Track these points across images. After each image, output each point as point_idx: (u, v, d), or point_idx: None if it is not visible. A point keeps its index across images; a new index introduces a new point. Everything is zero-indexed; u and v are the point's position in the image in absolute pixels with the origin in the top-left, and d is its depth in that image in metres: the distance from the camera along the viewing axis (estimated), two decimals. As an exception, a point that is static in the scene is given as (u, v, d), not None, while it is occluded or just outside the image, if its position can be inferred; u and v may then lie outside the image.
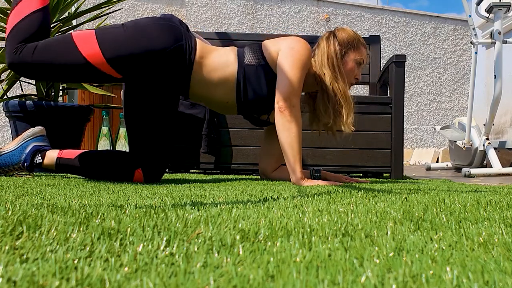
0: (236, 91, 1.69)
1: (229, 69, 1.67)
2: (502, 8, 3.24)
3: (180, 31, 1.61)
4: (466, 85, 7.53)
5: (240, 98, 1.71)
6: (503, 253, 0.51)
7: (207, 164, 2.44)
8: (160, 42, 1.55)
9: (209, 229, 0.60)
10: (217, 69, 1.66)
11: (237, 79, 1.68)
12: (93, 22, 4.71)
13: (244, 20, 6.95)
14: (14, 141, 1.74)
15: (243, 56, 1.70)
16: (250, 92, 1.69)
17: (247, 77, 1.68)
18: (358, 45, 1.76)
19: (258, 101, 1.71)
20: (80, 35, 1.52)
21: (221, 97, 1.71)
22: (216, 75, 1.66)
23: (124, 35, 1.53)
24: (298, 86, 1.65)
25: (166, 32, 1.58)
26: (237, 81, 1.68)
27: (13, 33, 1.53)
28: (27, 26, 1.53)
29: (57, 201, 0.87)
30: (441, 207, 0.85)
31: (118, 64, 1.52)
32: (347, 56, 1.75)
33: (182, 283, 0.38)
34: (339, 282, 0.39)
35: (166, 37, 1.57)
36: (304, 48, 1.68)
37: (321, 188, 1.37)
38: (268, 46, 1.72)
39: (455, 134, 3.83)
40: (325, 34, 1.81)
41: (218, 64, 1.67)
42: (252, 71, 1.68)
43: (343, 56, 1.74)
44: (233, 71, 1.67)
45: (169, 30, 1.59)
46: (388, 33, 7.39)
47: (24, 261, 0.44)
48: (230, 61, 1.68)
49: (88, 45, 1.50)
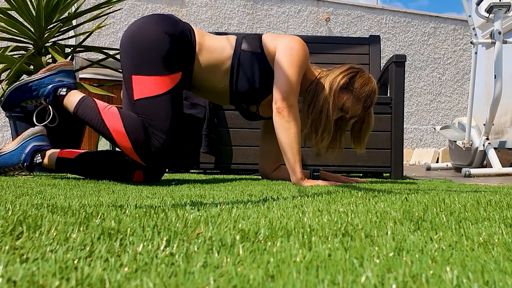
0: (230, 74, 1.71)
1: (225, 52, 1.70)
2: (502, 8, 3.23)
3: (170, 18, 1.68)
4: (466, 85, 7.53)
5: (233, 82, 1.72)
6: (503, 253, 0.51)
7: (207, 164, 2.43)
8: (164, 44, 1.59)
9: (209, 229, 0.60)
10: (215, 51, 1.70)
11: (232, 63, 1.70)
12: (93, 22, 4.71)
13: (244, 20, 6.95)
14: (14, 141, 1.74)
15: (240, 43, 1.73)
16: (242, 77, 1.71)
17: (241, 62, 1.70)
18: (359, 99, 1.68)
19: (249, 88, 1.72)
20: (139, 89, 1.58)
21: (217, 81, 1.73)
22: (213, 56, 1.69)
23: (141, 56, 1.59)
24: (296, 86, 1.65)
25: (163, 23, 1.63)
26: (231, 64, 1.70)
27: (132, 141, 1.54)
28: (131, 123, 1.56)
29: (57, 201, 0.87)
30: (441, 207, 0.85)
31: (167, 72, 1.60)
32: (344, 93, 1.68)
33: (182, 283, 0.38)
34: (339, 282, 0.39)
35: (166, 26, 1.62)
36: (303, 48, 1.68)
37: (321, 188, 1.36)
38: (266, 39, 1.73)
39: (455, 134, 3.83)
40: (355, 65, 1.75)
41: (216, 46, 1.70)
42: (247, 56, 1.70)
43: (342, 90, 1.67)
44: (229, 55, 1.70)
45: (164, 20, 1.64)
46: (388, 33, 7.39)
47: (24, 261, 0.44)
48: (228, 44, 1.72)
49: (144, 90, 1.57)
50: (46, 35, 2.31)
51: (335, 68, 1.75)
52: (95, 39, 6.24)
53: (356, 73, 1.71)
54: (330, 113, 1.66)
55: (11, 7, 2.26)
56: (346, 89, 1.68)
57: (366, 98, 1.69)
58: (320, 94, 1.68)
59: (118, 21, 6.40)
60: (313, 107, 1.69)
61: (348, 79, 1.68)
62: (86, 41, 2.74)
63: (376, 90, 1.71)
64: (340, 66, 1.75)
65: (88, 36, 2.61)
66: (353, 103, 1.68)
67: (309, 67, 1.77)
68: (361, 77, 1.70)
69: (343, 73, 1.70)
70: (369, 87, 1.69)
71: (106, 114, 1.57)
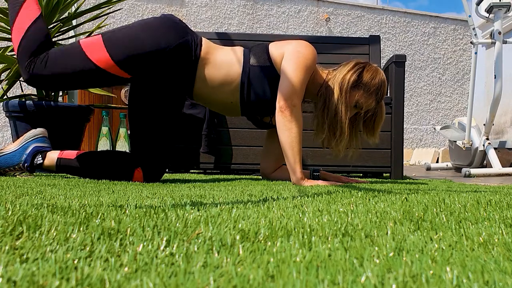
0: (240, 91, 1.69)
1: (234, 68, 1.67)
2: (502, 8, 3.23)
3: (184, 27, 1.65)
4: (466, 85, 7.53)
5: (244, 99, 1.70)
6: (503, 253, 0.51)
7: (207, 164, 2.44)
8: (165, 39, 1.58)
9: (209, 229, 0.60)
10: (222, 67, 1.67)
11: (241, 79, 1.67)
12: (93, 22, 4.71)
13: (244, 20, 6.95)
14: (16, 142, 1.75)
15: (248, 56, 1.70)
16: (254, 94, 1.69)
17: (251, 78, 1.68)
18: (371, 93, 1.68)
19: (261, 103, 1.71)
20: (88, 42, 1.57)
21: (225, 97, 1.71)
22: (221, 73, 1.67)
23: (129, 37, 1.57)
24: (300, 88, 1.65)
25: (171, 29, 1.61)
26: (241, 81, 1.68)
27: (20, 50, 1.57)
28: (32, 39, 1.57)
29: (57, 201, 0.87)
30: (441, 207, 0.85)
31: (127, 65, 1.57)
32: (355, 90, 1.68)
33: (182, 283, 0.38)
34: (339, 282, 0.39)
35: (172, 34, 1.60)
36: (310, 52, 1.67)
37: (321, 188, 1.37)
38: (274, 48, 1.71)
39: (455, 134, 3.83)
40: (361, 60, 1.75)
41: (223, 62, 1.67)
42: (256, 72, 1.68)
43: (352, 88, 1.68)
44: (238, 71, 1.67)
45: (174, 28, 1.62)
46: (388, 33, 7.39)
47: (24, 261, 0.44)
48: (235, 60, 1.69)
49: (97, 51, 1.55)
50: (46, 35, 2.31)
51: (341, 66, 1.75)
52: (95, 39, 6.24)
53: (363, 68, 1.71)
54: (344, 114, 1.66)
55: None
56: (357, 86, 1.68)
57: (378, 90, 1.69)
58: (331, 97, 1.68)
59: (118, 21, 6.40)
60: (327, 111, 1.69)
61: (357, 76, 1.68)
62: (86, 41, 2.73)
63: (385, 80, 1.72)
64: (345, 63, 1.75)
65: (88, 36, 2.60)
66: (365, 98, 1.69)
67: (317, 70, 1.76)
68: (369, 71, 1.70)
69: (350, 71, 1.69)
70: (378, 78, 1.69)
71: (26, 8, 1.61)
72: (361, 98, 1.68)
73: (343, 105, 1.66)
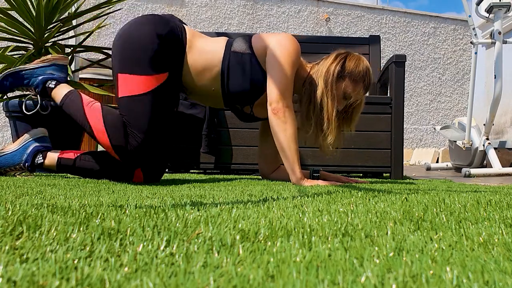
0: (221, 77, 1.70)
1: (216, 55, 1.69)
2: (502, 8, 3.23)
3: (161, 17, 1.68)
4: (466, 85, 7.52)
5: (224, 84, 1.71)
6: (503, 253, 0.51)
7: (207, 164, 2.43)
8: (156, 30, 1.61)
9: (209, 229, 0.60)
10: (204, 53, 1.69)
11: (222, 65, 1.69)
12: (93, 22, 4.71)
13: (244, 20, 6.95)
14: (16, 142, 1.75)
15: (231, 45, 1.72)
16: (233, 79, 1.69)
17: (232, 64, 1.68)
18: (358, 80, 1.68)
19: (241, 90, 1.71)
20: (121, 88, 1.60)
21: (207, 84, 1.71)
22: (202, 59, 1.68)
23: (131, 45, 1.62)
24: (290, 86, 1.65)
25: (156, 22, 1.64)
26: (221, 67, 1.69)
27: (113, 143, 1.56)
28: (115, 129, 1.57)
29: (57, 201, 0.87)
30: (441, 207, 0.85)
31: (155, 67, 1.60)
32: (341, 81, 1.68)
33: (182, 283, 0.38)
34: (339, 282, 0.39)
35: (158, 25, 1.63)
36: (294, 44, 1.66)
37: (321, 188, 1.36)
38: (256, 39, 1.72)
39: (455, 134, 3.83)
40: (341, 51, 1.74)
41: (206, 48, 1.70)
42: (237, 58, 1.69)
43: (338, 79, 1.67)
44: (219, 57, 1.69)
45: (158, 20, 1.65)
46: (388, 33, 7.38)
47: (24, 261, 0.44)
48: (218, 47, 1.71)
49: (131, 83, 1.58)
50: (46, 35, 2.31)
51: (323, 59, 1.74)
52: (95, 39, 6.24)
53: (345, 58, 1.70)
54: (330, 107, 1.65)
55: (11, 7, 2.26)
56: (342, 77, 1.68)
57: (364, 77, 1.68)
58: (316, 92, 1.68)
59: (118, 21, 6.40)
60: (313, 107, 1.69)
61: (340, 66, 1.68)
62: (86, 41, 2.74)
63: (369, 67, 1.71)
64: (327, 56, 1.74)
65: (88, 36, 2.61)
66: (353, 87, 1.68)
67: (302, 64, 1.76)
68: (351, 59, 1.69)
69: (333, 62, 1.69)
70: (362, 65, 1.69)
71: (89, 109, 1.61)
72: (349, 87, 1.68)
73: (329, 98, 1.65)
